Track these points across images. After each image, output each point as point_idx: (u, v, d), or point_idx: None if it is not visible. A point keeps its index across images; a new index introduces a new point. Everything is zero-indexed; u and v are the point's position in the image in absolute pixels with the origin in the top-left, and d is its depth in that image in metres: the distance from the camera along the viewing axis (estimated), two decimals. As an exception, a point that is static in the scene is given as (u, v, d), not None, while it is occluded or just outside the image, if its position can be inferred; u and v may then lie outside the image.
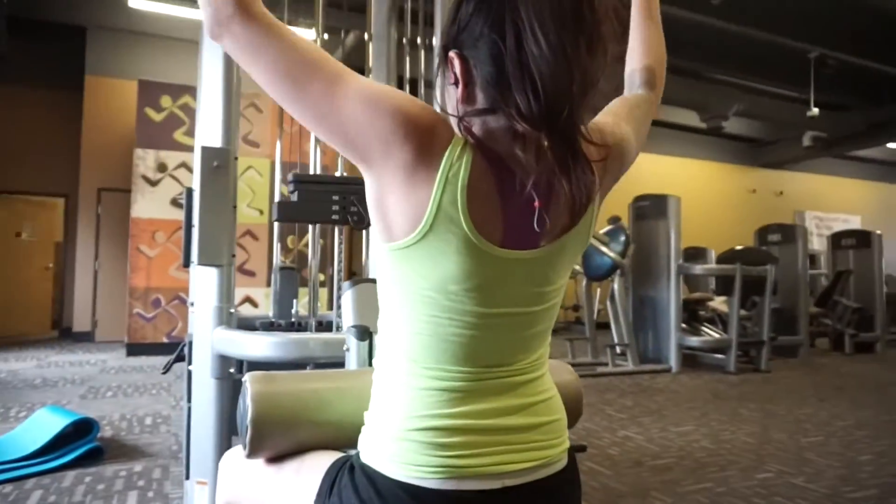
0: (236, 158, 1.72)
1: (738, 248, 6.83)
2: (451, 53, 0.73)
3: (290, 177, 1.72)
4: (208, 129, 1.72)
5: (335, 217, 1.69)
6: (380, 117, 0.68)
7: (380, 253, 0.75)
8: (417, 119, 0.69)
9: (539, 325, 0.79)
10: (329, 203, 1.68)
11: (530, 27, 0.66)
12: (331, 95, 0.68)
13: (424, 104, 0.71)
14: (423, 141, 0.68)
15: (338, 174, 2.19)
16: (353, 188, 1.71)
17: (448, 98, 0.77)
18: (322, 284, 4.86)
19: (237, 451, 1.01)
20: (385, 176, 0.70)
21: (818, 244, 12.08)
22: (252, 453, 0.93)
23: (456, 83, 0.73)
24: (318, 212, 1.71)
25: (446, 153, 0.69)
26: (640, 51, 0.99)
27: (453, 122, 0.74)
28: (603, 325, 6.69)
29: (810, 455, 3.14)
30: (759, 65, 8.41)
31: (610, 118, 0.86)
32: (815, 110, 8.76)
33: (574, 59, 0.67)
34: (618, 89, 0.99)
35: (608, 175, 0.81)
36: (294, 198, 1.69)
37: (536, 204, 0.70)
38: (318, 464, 0.85)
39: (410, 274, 0.72)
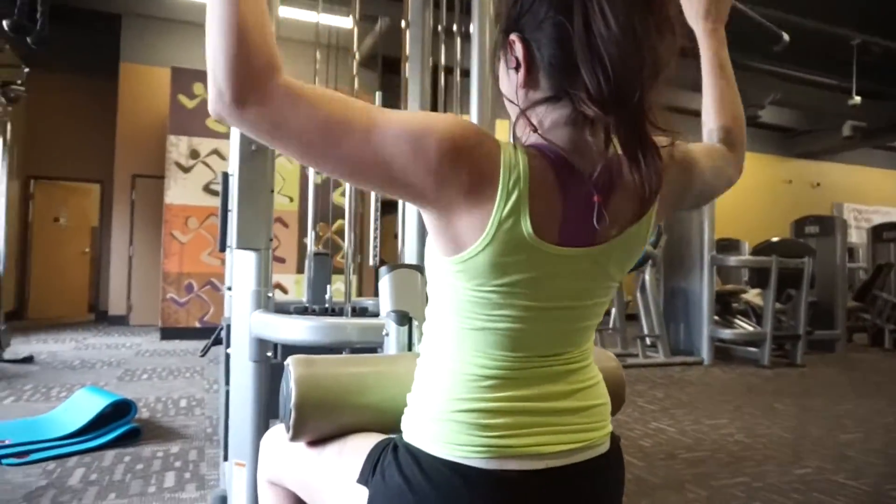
0: (274, 143, 1.72)
1: (775, 239, 6.66)
2: (513, 36, 0.72)
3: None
4: (246, 114, 1.72)
5: None
6: (425, 152, 0.64)
7: (441, 267, 0.73)
8: (464, 142, 0.66)
9: (590, 319, 0.78)
10: None
11: (599, 8, 0.64)
12: (368, 144, 0.64)
13: (464, 122, 0.68)
14: (475, 161, 0.66)
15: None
16: None
17: (508, 83, 0.75)
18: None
19: (279, 431, 1.01)
20: (445, 204, 0.68)
21: (857, 237, 11.76)
22: (295, 436, 0.94)
23: (517, 67, 0.72)
24: None
25: (501, 164, 0.67)
26: (715, 109, 0.94)
27: (513, 112, 0.73)
28: (630, 317, 6.62)
29: (850, 451, 3.06)
30: (798, 52, 8.14)
31: (688, 145, 0.83)
32: (857, 99, 8.48)
33: (644, 41, 0.65)
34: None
35: (668, 185, 0.75)
36: None
37: (596, 199, 0.68)
38: (360, 446, 0.86)
39: (468, 279, 0.71)
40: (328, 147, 0.63)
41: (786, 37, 1.15)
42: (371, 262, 1.92)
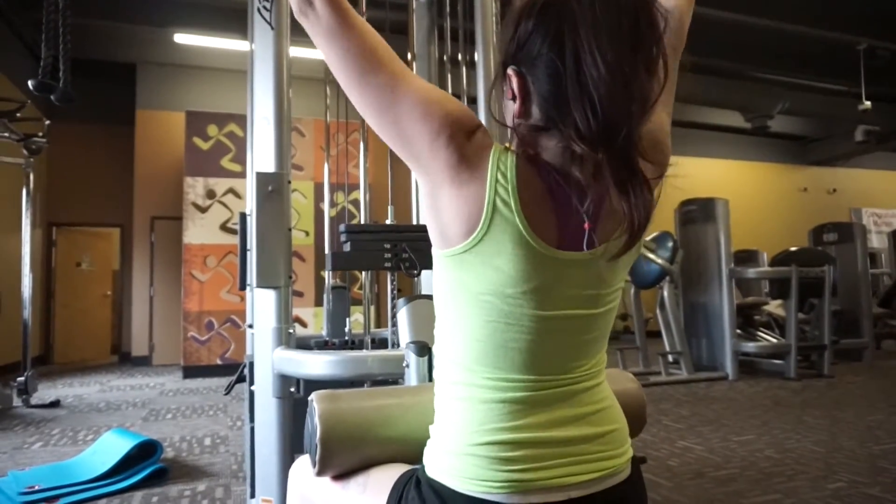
0: (290, 182, 1.77)
1: (793, 249, 6.60)
2: (510, 70, 0.75)
3: (341, 228, 1.77)
4: (262, 155, 1.77)
5: (388, 265, 1.73)
6: (431, 118, 0.72)
7: (437, 261, 0.77)
8: (461, 122, 0.73)
9: (596, 329, 0.79)
10: (381, 252, 1.73)
11: (589, 48, 0.66)
12: (392, 90, 0.73)
13: (471, 113, 0.76)
14: (464, 143, 0.72)
15: (388, 222, 2.23)
16: (403, 236, 1.75)
17: (506, 111, 0.79)
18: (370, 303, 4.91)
19: (305, 463, 1.03)
20: (434, 174, 0.73)
21: (877, 242, 11.58)
22: (322, 471, 0.95)
23: (514, 98, 0.75)
24: (370, 260, 1.75)
25: (490, 157, 0.72)
26: None
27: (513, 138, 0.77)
28: (652, 334, 6.55)
29: (884, 463, 2.99)
30: (804, 60, 8.18)
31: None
32: (868, 103, 8.44)
33: (633, 80, 0.67)
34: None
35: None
36: (346, 248, 1.74)
37: (586, 226, 0.72)
38: (383, 480, 0.87)
39: (467, 279, 0.73)
40: (364, 76, 0.74)
41: None
42: (389, 294, 1.94)
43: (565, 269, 0.72)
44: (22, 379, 4.90)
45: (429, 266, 1.77)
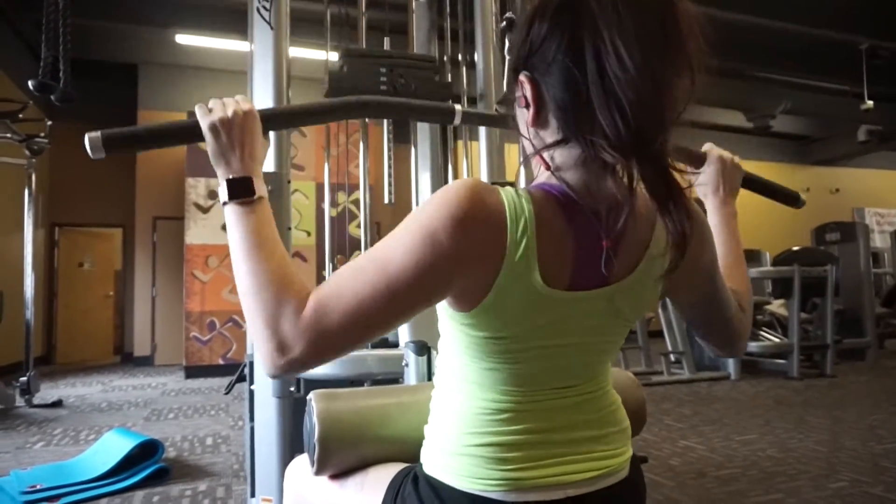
0: (289, 182, 1.77)
1: (795, 248, 6.59)
2: (522, 76, 0.70)
3: (340, 51, 1.78)
4: (261, 155, 1.77)
5: (383, 87, 1.72)
6: (440, 248, 0.64)
7: (447, 316, 0.73)
8: (467, 212, 0.64)
9: (606, 353, 0.78)
10: (377, 75, 1.71)
11: (613, 48, 0.61)
12: (404, 290, 0.65)
13: (457, 191, 0.65)
14: (484, 223, 0.65)
15: (385, 48, 2.25)
16: (399, 61, 1.74)
17: (519, 119, 0.75)
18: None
19: (302, 462, 1.03)
20: (467, 273, 0.67)
21: (880, 241, 11.55)
22: (320, 470, 0.95)
23: (527, 106, 0.70)
24: (367, 83, 1.73)
25: (507, 218, 0.65)
26: (726, 274, 0.90)
27: (526, 145, 0.73)
28: (654, 334, 6.54)
29: (887, 463, 2.98)
30: (806, 60, 8.16)
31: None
32: (870, 103, 8.42)
33: (662, 81, 0.62)
34: None
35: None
36: (345, 70, 1.73)
37: (605, 244, 0.68)
38: (380, 479, 0.87)
39: (477, 331, 0.70)
40: (373, 317, 0.65)
41: (803, 197, 1.17)
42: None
43: (576, 306, 0.70)
44: (24, 379, 4.91)
45: (422, 94, 1.80)
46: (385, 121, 2.35)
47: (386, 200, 2.45)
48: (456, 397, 0.75)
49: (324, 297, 0.66)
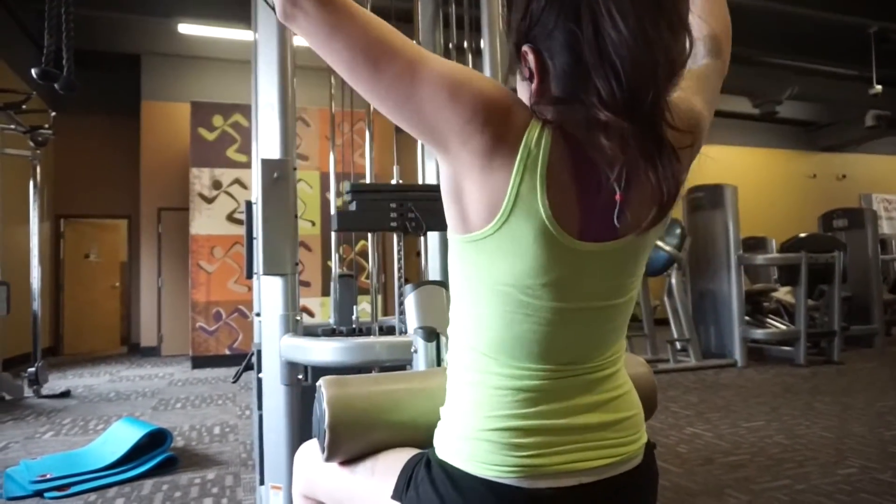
0: (295, 169, 1.76)
1: (802, 235, 6.56)
2: (525, 48, 0.71)
3: (346, 186, 1.75)
4: (267, 143, 1.76)
5: (394, 224, 1.70)
6: (460, 102, 0.66)
7: (454, 246, 0.74)
8: (497, 103, 0.67)
9: (617, 319, 0.77)
10: (387, 211, 1.70)
11: (607, 11, 0.63)
12: (410, 78, 0.67)
13: (503, 88, 0.70)
14: (502, 125, 0.67)
15: (393, 182, 2.21)
16: (409, 195, 1.73)
17: (521, 94, 0.75)
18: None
19: (312, 446, 1.02)
20: (463, 161, 0.69)
21: (888, 228, 11.49)
22: (330, 456, 0.94)
23: (531, 78, 0.71)
24: (376, 220, 1.73)
25: (524, 138, 0.67)
26: (702, 17, 0.91)
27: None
28: (660, 321, 6.53)
29: (895, 448, 2.97)
30: (813, 44, 8.06)
31: (679, 93, 0.81)
32: (878, 87, 8.32)
33: (657, 41, 0.63)
34: None
35: (686, 160, 0.76)
36: (352, 207, 1.72)
37: (618, 197, 0.68)
38: (392, 463, 0.86)
39: (485, 267, 0.71)
40: (375, 70, 0.67)
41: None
42: (396, 282, 1.93)
43: (588, 260, 0.70)
44: (32, 370, 4.94)
45: (435, 227, 1.76)
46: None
47: (391, 189, 2.44)
48: (472, 377, 0.75)
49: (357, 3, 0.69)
